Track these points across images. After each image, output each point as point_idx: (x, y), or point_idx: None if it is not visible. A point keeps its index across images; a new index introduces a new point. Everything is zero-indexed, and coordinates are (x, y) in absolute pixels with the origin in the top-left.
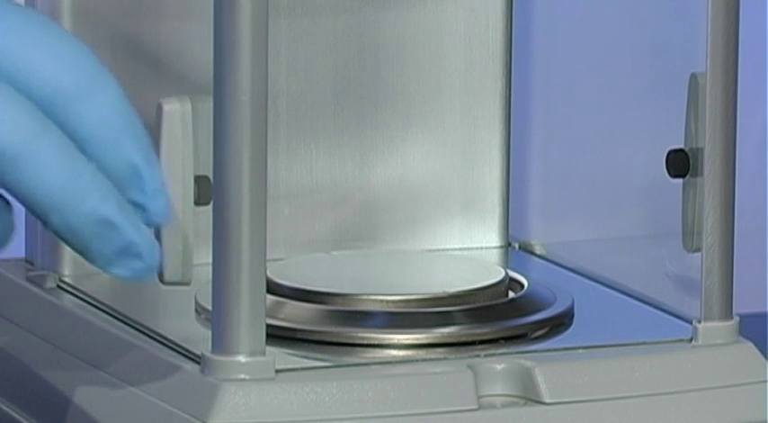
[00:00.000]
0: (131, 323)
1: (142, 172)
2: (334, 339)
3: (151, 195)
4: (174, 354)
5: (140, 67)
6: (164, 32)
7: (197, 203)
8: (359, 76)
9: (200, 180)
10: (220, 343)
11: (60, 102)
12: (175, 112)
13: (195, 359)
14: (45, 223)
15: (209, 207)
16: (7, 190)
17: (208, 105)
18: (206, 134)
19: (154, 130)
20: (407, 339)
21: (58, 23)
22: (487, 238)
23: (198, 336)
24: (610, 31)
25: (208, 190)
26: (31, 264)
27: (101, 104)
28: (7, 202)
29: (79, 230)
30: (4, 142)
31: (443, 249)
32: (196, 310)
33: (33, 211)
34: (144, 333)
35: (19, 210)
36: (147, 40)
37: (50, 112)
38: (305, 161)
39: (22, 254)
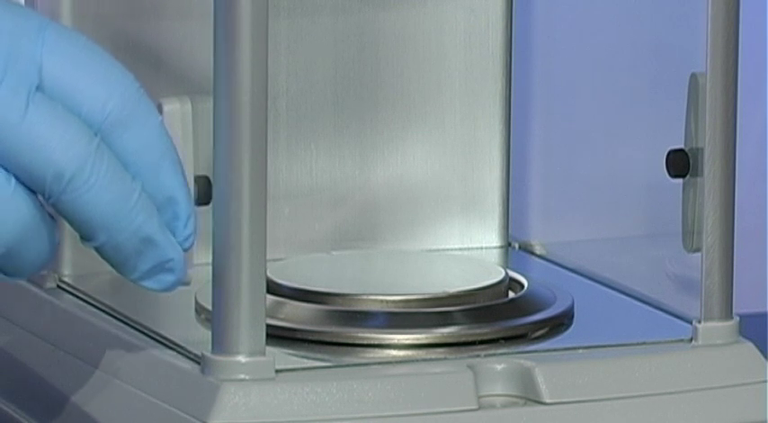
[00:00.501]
0: (131, 323)
1: (178, 198)
2: (334, 339)
3: (183, 221)
4: (174, 354)
5: (141, 67)
6: (164, 32)
7: (197, 203)
8: (359, 76)
9: (199, 180)
10: (220, 343)
11: (108, 126)
12: (175, 112)
13: (195, 359)
14: (87, 240)
15: (209, 207)
16: (58, 208)
17: (208, 105)
18: (206, 134)
19: None
20: (407, 339)
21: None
22: (487, 238)
23: (198, 336)
24: (610, 32)
25: (208, 190)
26: None
27: (143, 130)
28: (54, 219)
29: (123, 247)
30: (63, 163)
31: (443, 249)
32: (196, 310)
33: (80, 228)
34: (144, 333)
35: None
36: (147, 40)
37: (98, 134)
38: (305, 161)
39: None
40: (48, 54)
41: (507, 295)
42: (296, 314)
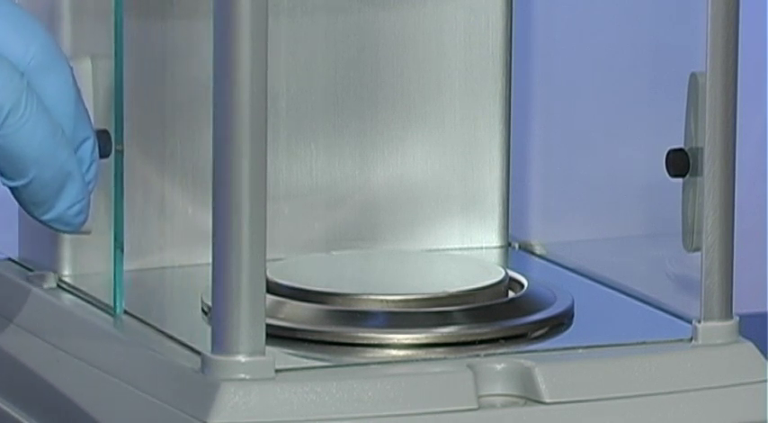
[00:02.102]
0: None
1: (87, 142)
2: (334, 339)
3: (87, 164)
4: (175, 353)
5: (144, 66)
6: (167, 31)
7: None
8: (359, 76)
9: (100, 134)
10: (220, 343)
11: (31, 70)
12: (77, 69)
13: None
14: (15, 178)
15: (108, 160)
16: None
17: (105, 64)
18: (105, 91)
19: None
20: (407, 339)
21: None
22: (487, 238)
23: (202, 335)
24: (610, 31)
25: (107, 143)
26: (15, 263)
27: (61, 77)
28: None
29: (49, 184)
30: (2, 98)
31: (443, 249)
32: (203, 310)
33: (12, 165)
34: (145, 332)
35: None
36: (150, 38)
37: (24, 76)
38: (305, 161)
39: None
40: None
41: (507, 295)
42: (296, 314)
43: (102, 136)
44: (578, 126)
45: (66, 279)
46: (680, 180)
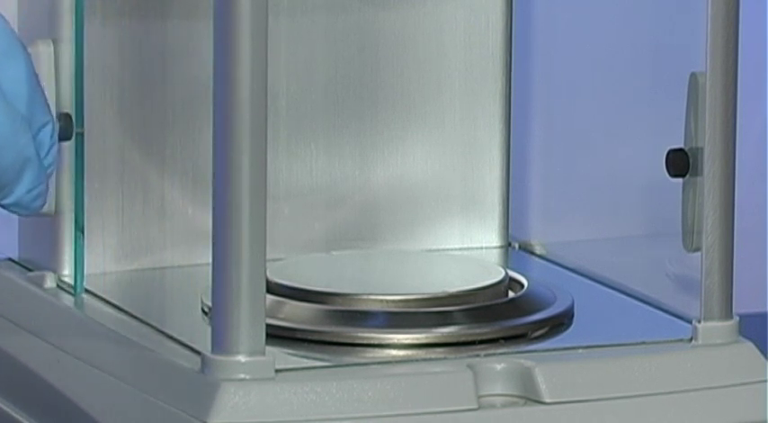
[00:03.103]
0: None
1: (46, 128)
2: (334, 339)
3: (47, 148)
4: (175, 353)
5: (144, 66)
6: (167, 31)
7: (59, 138)
8: (359, 76)
9: (62, 117)
10: (220, 343)
11: None
12: (40, 53)
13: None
14: None
15: (69, 143)
16: None
17: (67, 48)
18: (67, 74)
19: None
20: (407, 339)
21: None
22: (487, 238)
23: (202, 335)
24: (610, 31)
25: (69, 126)
26: (15, 263)
27: (19, 63)
28: None
29: (8, 169)
30: None
31: (443, 249)
32: (203, 310)
33: None
34: (145, 332)
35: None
36: (150, 38)
37: None
38: (305, 161)
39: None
40: None
41: (507, 295)
42: (296, 314)
43: (65, 119)
44: (578, 126)
45: (66, 279)
46: (680, 180)
